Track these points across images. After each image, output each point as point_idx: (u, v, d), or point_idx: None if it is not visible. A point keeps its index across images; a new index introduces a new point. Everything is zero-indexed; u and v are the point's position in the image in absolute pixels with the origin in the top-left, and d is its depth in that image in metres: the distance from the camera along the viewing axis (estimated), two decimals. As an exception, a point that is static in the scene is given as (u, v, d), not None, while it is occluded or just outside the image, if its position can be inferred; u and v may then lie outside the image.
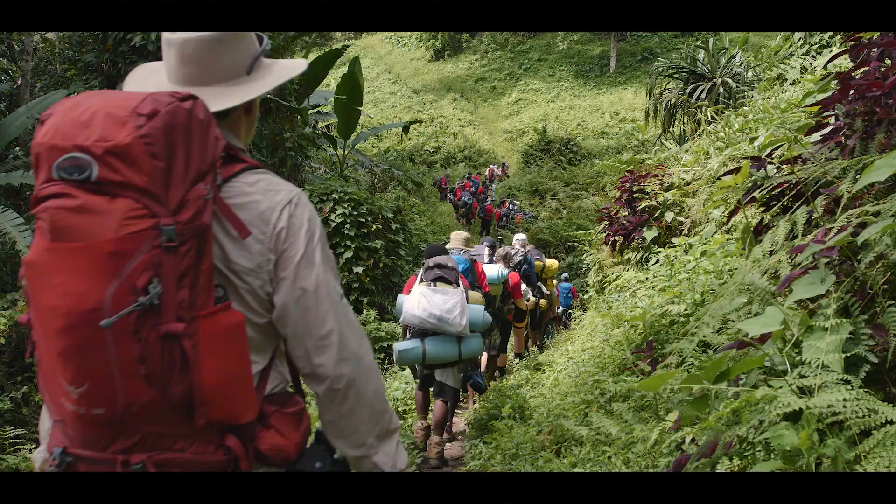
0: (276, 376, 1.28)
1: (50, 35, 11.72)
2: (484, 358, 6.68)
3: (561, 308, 11.36)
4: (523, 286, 7.36)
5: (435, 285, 4.59)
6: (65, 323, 1.03)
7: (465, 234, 5.78)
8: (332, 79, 22.87)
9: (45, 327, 1.07)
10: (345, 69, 15.10)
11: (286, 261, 1.20)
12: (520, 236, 8.45)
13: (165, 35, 1.29)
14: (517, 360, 7.56)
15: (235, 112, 1.32)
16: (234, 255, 1.17)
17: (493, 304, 6.11)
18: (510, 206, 20.80)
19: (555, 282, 9.88)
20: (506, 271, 6.33)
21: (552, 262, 9.40)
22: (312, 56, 13.98)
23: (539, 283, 8.42)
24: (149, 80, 1.32)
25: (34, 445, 5.26)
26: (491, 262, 6.51)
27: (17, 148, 10.44)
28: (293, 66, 1.45)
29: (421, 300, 4.48)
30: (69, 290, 1.03)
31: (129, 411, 1.08)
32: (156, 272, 1.04)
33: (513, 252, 7.17)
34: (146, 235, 1.04)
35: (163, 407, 1.09)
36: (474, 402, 6.11)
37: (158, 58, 1.39)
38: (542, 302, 8.63)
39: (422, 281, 4.65)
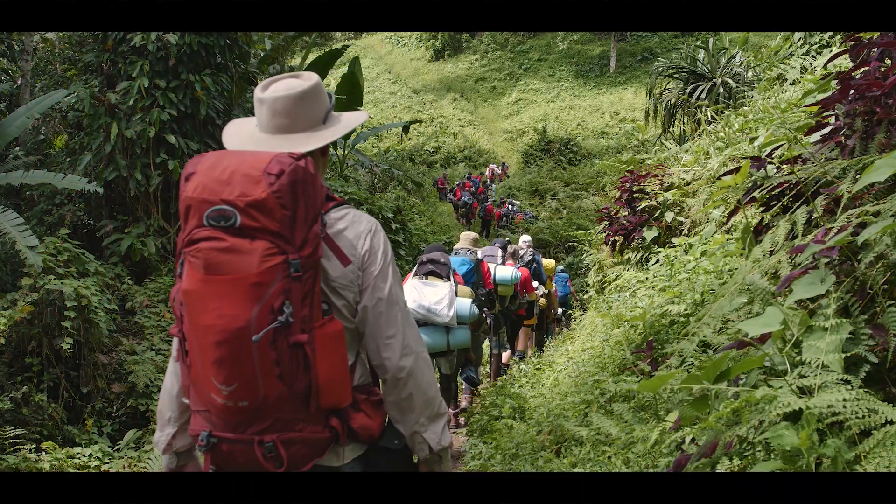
0: (361, 370, 1.60)
1: (50, 35, 11.72)
2: (506, 355, 7.14)
3: (560, 310, 11.44)
4: (534, 283, 7.74)
5: (426, 279, 4.82)
6: (220, 338, 1.35)
7: (473, 234, 5.95)
8: (332, 79, 22.87)
9: (201, 341, 1.38)
10: (345, 69, 15.10)
11: (368, 275, 1.54)
12: (525, 237, 8.80)
13: (258, 94, 1.61)
14: (516, 360, 7.67)
15: (314, 154, 1.62)
16: (334, 274, 1.50)
17: (503, 304, 6.35)
18: (510, 206, 20.80)
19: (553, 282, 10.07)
20: (518, 272, 6.56)
21: (549, 262, 9.79)
22: (312, 56, 13.97)
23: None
24: (241, 131, 1.65)
25: (34, 445, 5.26)
26: (503, 262, 6.74)
27: (17, 148, 10.44)
28: (357, 117, 1.75)
29: (412, 292, 4.69)
30: (223, 312, 1.34)
31: (266, 402, 1.39)
32: (287, 296, 1.37)
33: (521, 252, 7.57)
34: (279, 268, 1.36)
35: (289, 398, 1.40)
36: (472, 395, 6.14)
37: (158, 57, 1.58)
38: (542, 300, 8.79)
39: (415, 275, 4.90)
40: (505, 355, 7.41)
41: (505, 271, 6.28)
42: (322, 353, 1.43)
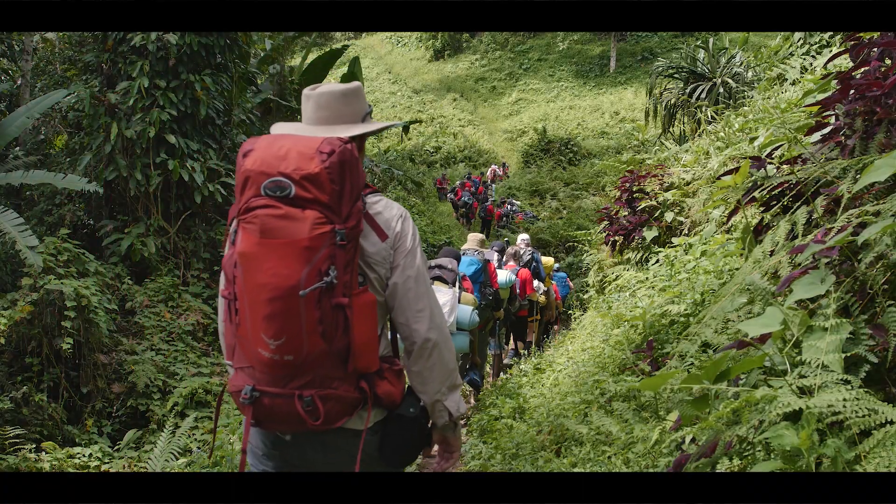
0: (384, 342, 1.77)
1: (50, 35, 11.72)
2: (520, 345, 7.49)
3: (560, 311, 11.49)
4: (535, 282, 8.06)
5: (431, 284, 4.86)
6: (273, 295, 1.50)
7: (480, 236, 6.29)
8: (333, 79, 22.86)
9: (254, 298, 1.53)
10: (345, 69, 15.10)
11: (399, 254, 1.70)
12: (523, 236, 8.96)
13: (306, 93, 1.80)
14: (524, 352, 7.87)
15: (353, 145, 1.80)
16: (369, 250, 1.67)
17: (501, 305, 6.51)
18: (510, 206, 20.80)
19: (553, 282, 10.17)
20: (513, 276, 6.87)
21: (548, 260, 9.94)
22: (312, 56, 13.96)
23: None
24: (287, 126, 1.81)
25: (34, 445, 5.26)
26: (499, 265, 7.03)
27: (17, 148, 10.44)
28: (389, 122, 2.02)
29: None
30: (276, 272, 1.50)
31: (308, 358, 1.53)
32: (332, 261, 1.53)
33: (521, 251, 7.84)
34: (327, 236, 1.52)
35: (328, 356, 1.55)
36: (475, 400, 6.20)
37: (158, 58, 1.64)
38: (541, 298, 8.93)
39: None
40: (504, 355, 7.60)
41: (501, 275, 6.51)
42: (358, 318, 1.58)
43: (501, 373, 7.26)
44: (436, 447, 1.84)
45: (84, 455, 5.22)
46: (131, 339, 7.28)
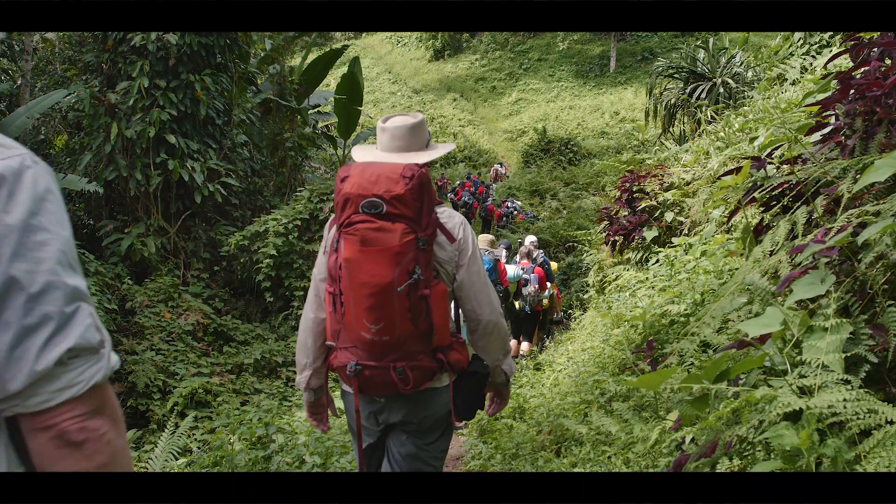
0: (451, 322, 2.15)
1: (50, 35, 11.72)
2: (525, 346, 7.98)
3: (559, 314, 11.54)
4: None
5: None
6: (372, 291, 1.91)
7: (490, 237, 6.78)
8: (333, 79, 22.85)
9: (357, 294, 1.93)
10: (345, 69, 15.09)
11: (463, 255, 2.11)
12: (531, 237, 9.37)
13: (380, 125, 2.23)
14: (535, 349, 8.37)
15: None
16: (440, 253, 2.07)
17: (508, 299, 7.11)
18: (509, 206, 20.78)
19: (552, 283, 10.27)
20: (520, 271, 7.49)
21: (553, 265, 10.23)
22: (312, 56, 13.97)
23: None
24: (366, 153, 2.22)
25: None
26: (507, 261, 7.66)
27: (17, 148, 10.42)
28: (447, 147, 2.32)
29: None
30: (374, 273, 1.90)
31: (400, 338, 1.96)
32: (417, 262, 1.93)
33: (534, 253, 8.37)
34: (412, 243, 1.93)
35: (415, 336, 1.97)
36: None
37: (158, 58, 1.67)
38: (545, 301, 9.01)
39: None
40: (524, 346, 8.04)
41: (510, 270, 7.10)
42: (436, 305, 2.00)
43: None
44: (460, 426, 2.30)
45: (84, 455, 5.22)
46: (131, 339, 7.28)
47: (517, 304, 7.68)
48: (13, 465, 0.91)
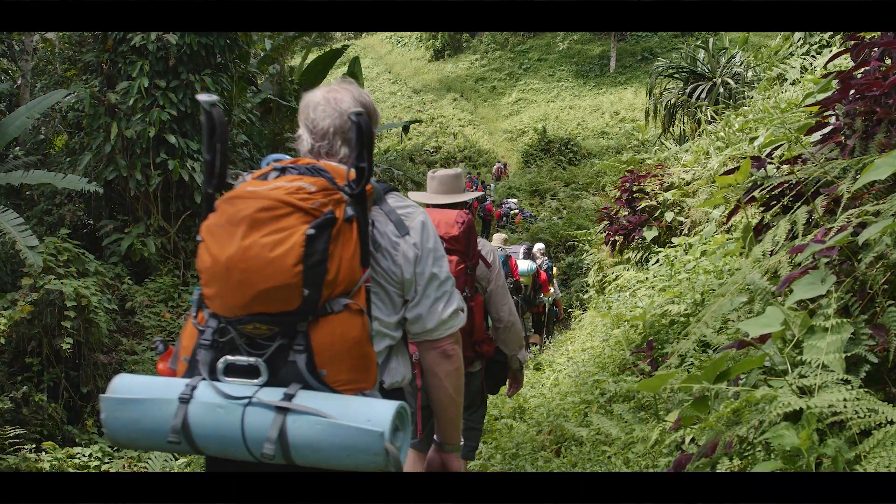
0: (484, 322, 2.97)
1: (50, 35, 11.72)
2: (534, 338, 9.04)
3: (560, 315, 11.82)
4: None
5: None
6: None
7: (503, 235, 7.53)
8: (332, 79, 22.76)
9: None
10: (345, 69, 15.10)
11: (492, 272, 2.90)
12: (540, 245, 10.25)
13: (431, 175, 3.06)
14: (547, 342, 9.30)
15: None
16: (479, 273, 2.84)
17: (524, 291, 7.84)
18: (508, 206, 20.76)
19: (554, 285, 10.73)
20: (534, 266, 8.45)
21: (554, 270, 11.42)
22: (312, 56, 13.97)
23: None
24: (421, 196, 3.02)
25: (34, 445, 5.26)
26: (523, 258, 8.56)
27: (17, 148, 10.43)
28: (475, 194, 3.42)
29: None
30: None
31: None
32: (466, 284, 2.68)
33: (539, 259, 9.39)
34: (463, 271, 2.66)
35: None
36: None
37: (158, 58, 1.63)
38: (548, 302, 10.02)
39: None
40: (533, 337, 9.04)
41: (523, 264, 7.89)
42: (477, 312, 2.80)
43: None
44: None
45: (84, 455, 5.22)
46: (131, 339, 7.28)
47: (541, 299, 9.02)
48: (407, 365, 1.65)
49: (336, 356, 1.34)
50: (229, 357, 1.35)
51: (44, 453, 5.00)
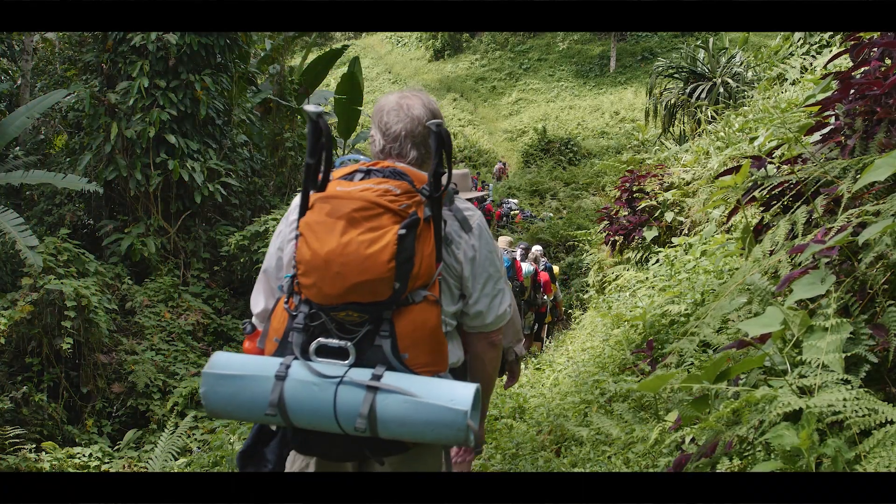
0: None
1: (50, 35, 11.72)
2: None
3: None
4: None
5: None
6: None
7: (509, 238, 7.73)
8: (332, 79, 22.81)
9: None
10: (345, 69, 15.09)
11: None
12: (538, 247, 10.30)
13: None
14: (548, 343, 9.45)
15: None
16: None
17: (524, 293, 7.79)
18: (508, 206, 20.75)
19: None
20: (531, 268, 8.45)
21: (555, 269, 11.45)
22: (312, 56, 13.97)
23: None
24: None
25: (34, 445, 5.26)
26: (522, 259, 8.69)
27: (17, 148, 10.43)
28: (481, 193, 3.38)
29: None
30: None
31: None
32: None
33: (540, 260, 9.53)
34: None
35: None
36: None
37: (158, 58, 1.68)
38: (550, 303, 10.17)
39: None
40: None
41: (524, 267, 7.96)
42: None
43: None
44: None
45: (84, 455, 5.22)
46: (131, 339, 7.28)
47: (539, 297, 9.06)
48: (460, 349, 1.77)
49: (416, 341, 1.52)
50: (322, 339, 1.50)
51: (44, 453, 5.00)
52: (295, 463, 1.68)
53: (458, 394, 1.42)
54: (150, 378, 6.77)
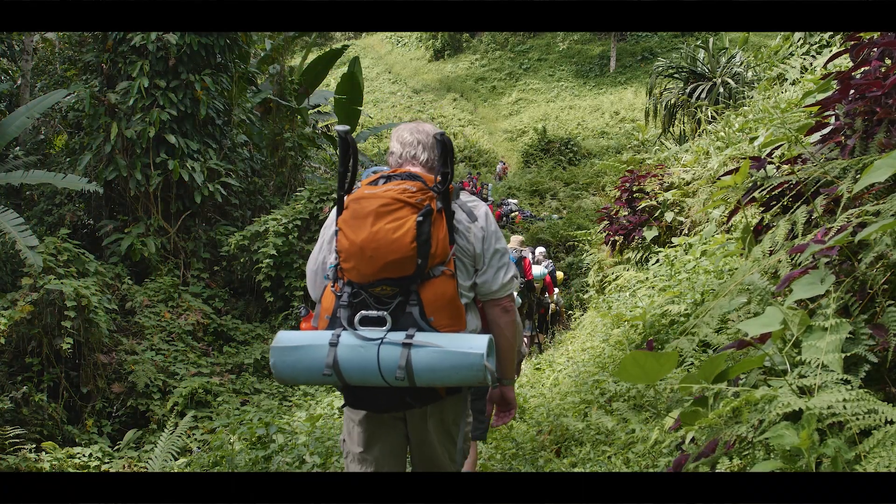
0: None
1: (50, 35, 11.72)
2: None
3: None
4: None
5: None
6: None
7: (521, 237, 7.70)
8: (332, 79, 22.82)
9: None
10: (345, 69, 15.10)
11: None
12: (541, 249, 10.39)
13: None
14: (547, 341, 9.67)
15: None
16: None
17: (535, 292, 8.10)
18: (509, 206, 20.75)
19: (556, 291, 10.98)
20: (545, 270, 8.81)
21: (559, 274, 11.83)
22: (312, 56, 13.97)
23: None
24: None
25: (34, 445, 5.26)
26: (534, 261, 8.86)
27: (17, 148, 10.43)
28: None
29: None
30: None
31: None
32: None
33: (542, 262, 9.65)
34: None
35: None
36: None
37: (158, 58, 1.78)
38: (552, 306, 10.27)
39: None
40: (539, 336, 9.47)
41: (536, 269, 8.19)
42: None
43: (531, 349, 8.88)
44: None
45: (84, 455, 5.22)
46: (131, 339, 7.28)
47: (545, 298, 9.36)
48: (478, 317, 2.09)
49: (439, 308, 1.88)
50: (363, 311, 1.85)
51: (44, 453, 5.01)
52: (350, 420, 2.07)
53: (475, 342, 1.78)
54: (150, 378, 6.77)
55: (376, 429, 2.02)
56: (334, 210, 2.05)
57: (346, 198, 1.94)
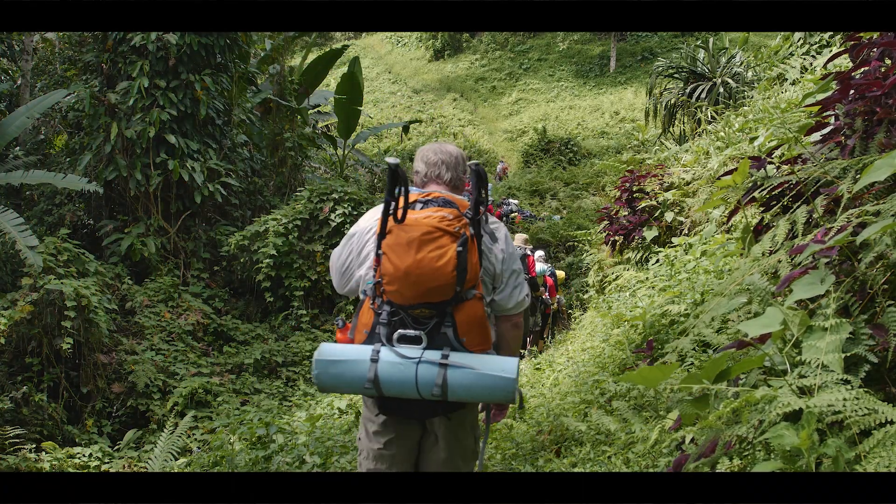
0: None
1: (50, 35, 11.72)
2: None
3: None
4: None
5: None
6: None
7: (525, 236, 8.13)
8: (332, 79, 22.81)
9: None
10: (345, 69, 15.09)
11: None
12: (540, 252, 10.42)
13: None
14: (548, 343, 9.61)
15: None
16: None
17: (536, 288, 8.28)
18: (509, 206, 20.73)
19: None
20: (546, 267, 9.28)
21: (560, 274, 11.69)
22: (312, 56, 13.97)
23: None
24: None
25: (34, 445, 5.26)
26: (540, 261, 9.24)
27: (17, 148, 10.43)
28: None
29: None
30: None
31: None
32: None
33: (544, 265, 9.93)
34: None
35: None
36: None
37: (158, 58, 1.73)
38: (553, 306, 10.25)
39: None
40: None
41: (538, 266, 8.62)
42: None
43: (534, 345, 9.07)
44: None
45: (84, 455, 5.22)
46: (131, 339, 7.28)
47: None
48: (493, 332, 2.21)
49: (471, 328, 2.03)
50: (401, 330, 2.00)
51: (44, 453, 5.00)
52: (369, 421, 2.21)
53: (507, 365, 1.95)
54: (149, 378, 6.77)
55: (397, 429, 2.18)
56: (368, 217, 2.24)
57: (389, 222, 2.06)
